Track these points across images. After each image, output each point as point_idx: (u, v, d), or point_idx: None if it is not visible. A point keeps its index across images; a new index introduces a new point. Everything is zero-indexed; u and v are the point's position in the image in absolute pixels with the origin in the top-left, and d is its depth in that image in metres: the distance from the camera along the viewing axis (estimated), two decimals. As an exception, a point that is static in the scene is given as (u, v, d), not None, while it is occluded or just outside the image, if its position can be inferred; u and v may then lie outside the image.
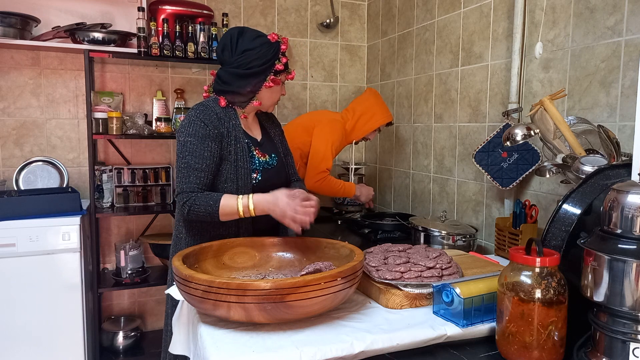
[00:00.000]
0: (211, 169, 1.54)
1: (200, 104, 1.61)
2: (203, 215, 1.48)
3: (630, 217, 0.94)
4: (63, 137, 2.86)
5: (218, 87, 1.64)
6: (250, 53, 1.57)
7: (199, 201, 1.47)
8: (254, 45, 1.58)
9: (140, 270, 2.83)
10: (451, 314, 1.20)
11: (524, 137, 1.56)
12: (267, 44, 1.59)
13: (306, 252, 1.51)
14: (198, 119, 1.55)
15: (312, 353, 1.04)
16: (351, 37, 3.47)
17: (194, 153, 1.51)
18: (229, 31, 1.63)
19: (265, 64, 1.59)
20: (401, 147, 3.04)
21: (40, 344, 2.39)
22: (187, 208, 1.48)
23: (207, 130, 1.54)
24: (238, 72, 1.58)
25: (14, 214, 2.34)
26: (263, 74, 1.60)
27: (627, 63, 1.64)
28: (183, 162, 1.52)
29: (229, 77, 1.60)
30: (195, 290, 1.11)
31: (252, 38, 1.59)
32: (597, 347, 1.02)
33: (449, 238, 2.03)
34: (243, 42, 1.58)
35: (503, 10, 2.18)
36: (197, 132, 1.53)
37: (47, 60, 2.79)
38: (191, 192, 1.49)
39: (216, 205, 1.46)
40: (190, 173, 1.50)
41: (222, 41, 1.62)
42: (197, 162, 1.51)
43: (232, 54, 1.59)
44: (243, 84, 1.60)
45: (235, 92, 1.61)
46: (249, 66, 1.58)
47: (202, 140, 1.52)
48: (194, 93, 3.09)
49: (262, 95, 1.64)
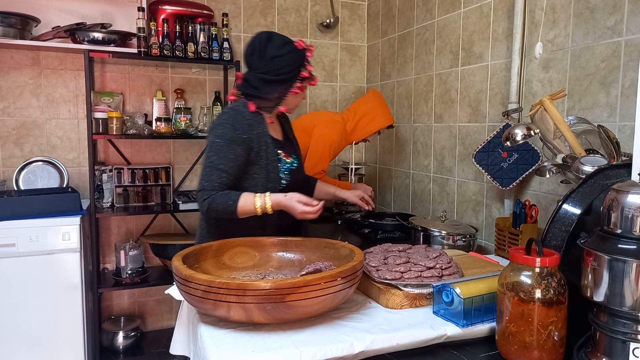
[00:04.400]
0: (234, 171, 1.61)
1: (231, 108, 1.67)
2: (222, 212, 1.57)
3: (630, 217, 0.94)
4: (63, 137, 2.86)
5: (246, 90, 1.67)
6: (279, 60, 1.61)
7: (218, 199, 1.56)
8: (283, 52, 1.62)
9: (140, 270, 2.83)
10: (451, 314, 1.20)
11: (524, 137, 1.56)
12: (295, 51, 1.64)
13: (306, 252, 1.51)
14: (228, 122, 1.61)
15: (312, 353, 1.04)
16: (351, 37, 3.47)
17: (219, 154, 1.58)
18: (257, 36, 1.65)
19: (293, 71, 1.64)
20: (401, 147, 3.04)
21: (40, 344, 2.39)
22: (207, 205, 1.57)
23: (236, 134, 1.60)
24: (266, 77, 1.62)
25: (14, 214, 2.34)
26: (291, 80, 1.66)
27: (627, 63, 1.64)
28: (208, 161, 1.60)
29: (257, 82, 1.63)
30: (195, 290, 1.11)
31: (280, 44, 1.62)
32: (597, 347, 1.02)
33: (449, 238, 2.03)
34: (272, 48, 1.62)
35: (503, 10, 2.18)
36: (225, 135, 1.59)
37: (47, 60, 2.79)
38: (212, 191, 1.57)
39: (235, 203, 1.55)
40: (213, 172, 1.58)
41: (250, 46, 1.65)
42: (221, 162, 1.58)
43: (261, 59, 1.62)
44: (271, 90, 1.65)
45: (263, 97, 1.67)
46: (277, 73, 1.62)
47: (229, 144, 1.59)
48: (194, 93, 3.10)
49: (287, 100, 1.72)
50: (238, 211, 1.56)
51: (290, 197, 1.60)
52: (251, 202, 1.57)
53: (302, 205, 1.58)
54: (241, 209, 1.56)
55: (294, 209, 1.59)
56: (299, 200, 1.59)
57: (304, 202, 1.59)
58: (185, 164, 3.12)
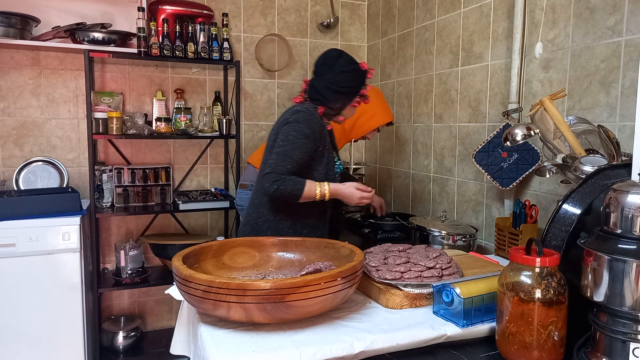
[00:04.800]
0: (299, 163, 1.76)
1: (307, 109, 1.84)
2: (287, 195, 1.72)
3: (630, 217, 0.94)
4: (63, 137, 2.86)
5: (314, 95, 1.87)
6: (344, 75, 1.84)
7: (286, 182, 1.71)
8: (349, 69, 1.85)
9: (140, 270, 2.83)
10: (451, 314, 1.20)
11: (524, 137, 1.56)
12: (359, 71, 1.87)
13: (306, 252, 1.51)
14: (304, 120, 1.79)
15: (312, 353, 1.04)
16: (351, 37, 3.47)
17: (293, 144, 1.75)
18: (329, 51, 1.90)
19: (354, 87, 1.88)
20: (401, 147, 3.04)
21: (40, 344, 2.39)
22: (276, 186, 1.70)
23: (309, 132, 1.77)
24: (332, 87, 1.84)
25: (14, 214, 2.34)
26: (351, 94, 1.89)
27: (627, 63, 1.64)
28: (281, 149, 1.75)
29: (324, 90, 1.84)
30: (195, 290, 1.11)
31: (348, 62, 1.86)
32: (597, 347, 1.02)
33: (449, 238, 2.03)
34: (340, 64, 1.85)
35: (503, 10, 2.18)
36: (299, 129, 1.76)
37: (47, 60, 2.79)
38: (282, 174, 1.72)
39: (302, 189, 1.73)
40: (285, 159, 1.73)
41: (322, 57, 1.89)
42: (293, 152, 1.74)
43: (330, 70, 1.85)
44: (335, 99, 1.86)
45: (327, 105, 1.87)
46: (341, 85, 1.84)
47: (302, 138, 1.76)
48: (194, 93, 3.10)
49: (345, 111, 1.94)
50: (303, 195, 1.73)
51: (348, 185, 1.83)
52: (313, 188, 1.75)
53: (359, 191, 1.80)
54: (305, 194, 1.73)
55: (353, 195, 1.80)
56: (357, 187, 1.82)
57: (361, 188, 1.82)
58: (185, 164, 3.12)
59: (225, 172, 3.21)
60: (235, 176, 3.09)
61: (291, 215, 1.85)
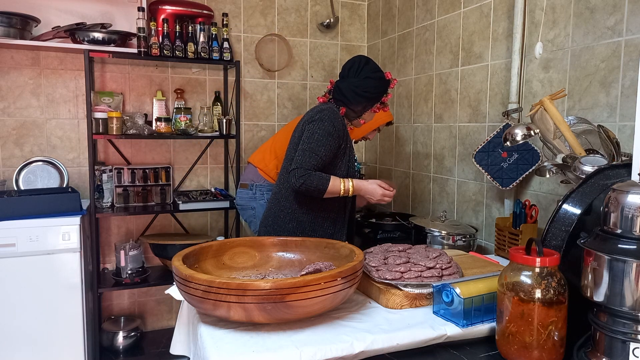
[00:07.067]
0: (325, 159, 1.83)
1: (331, 108, 1.91)
2: (312, 190, 1.77)
3: (630, 217, 0.94)
4: (63, 137, 2.86)
5: (338, 97, 1.96)
6: (369, 80, 1.92)
7: (312, 178, 1.76)
8: (374, 76, 1.93)
9: (140, 270, 2.83)
10: (451, 314, 1.20)
11: (524, 137, 1.56)
12: (383, 79, 1.96)
13: (306, 252, 1.51)
14: (329, 119, 1.85)
15: (312, 353, 1.04)
16: (351, 37, 3.47)
17: (319, 142, 1.81)
18: (358, 57, 1.98)
19: (377, 93, 1.95)
20: (401, 147, 3.04)
21: (40, 344, 2.39)
22: (302, 180, 1.76)
23: (333, 130, 1.84)
24: (356, 90, 1.92)
25: (14, 214, 2.34)
26: (374, 100, 1.96)
27: (627, 63, 1.64)
28: (308, 146, 1.81)
29: (348, 92, 1.93)
30: (195, 290, 1.11)
31: (373, 70, 1.95)
32: (597, 347, 1.02)
33: (449, 238, 2.04)
34: (367, 70, 1.93)
35: (503, 10, 2.18)
36: (326, 129, 1.83)
37: (47, 60, 2.79)
38: (308, 169, 1.78)
39: (327, 184, 1.78)
40: (311, 155, 1.79)
41: (350, 62, 1.97)
42: (319, 149, 1.81)
43: (356, 75, 1.93)
44: (357, 102, 1.94)
45: (349, 106, 1.95)
46: (365, 89, 1.92)
47: (327, 137, 1.83)
48: (194, 93, 3.10)
49: (365, 115, 2.02)
50: (327, 190, 1.78)
51: (372, 182, 1.88)
52: (338, 184, 1.81)
53: (382, 189, 1.86)
54: (330, 189, 1.79)
55: (375, 192, 1.86)
56: (380, 184, 1.87)
57: (384, 186, 1.87)
58: (185, 164, 3.12)
59: (225, 172, 3.21)
60: (235, 176, 3.09)
61: (313, 209, 1.92)
